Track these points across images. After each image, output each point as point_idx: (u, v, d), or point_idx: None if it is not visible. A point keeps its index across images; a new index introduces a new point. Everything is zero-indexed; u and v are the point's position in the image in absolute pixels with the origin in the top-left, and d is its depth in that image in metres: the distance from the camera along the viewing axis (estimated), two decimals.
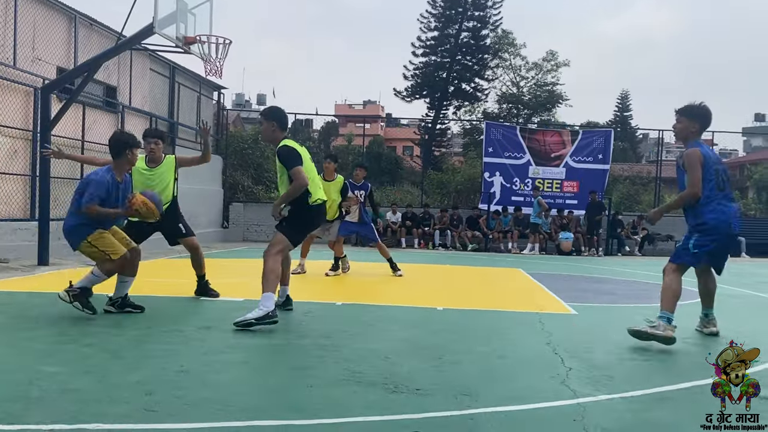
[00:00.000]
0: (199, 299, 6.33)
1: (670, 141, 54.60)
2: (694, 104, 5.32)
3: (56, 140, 10.37)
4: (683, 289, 5.11)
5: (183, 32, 9.39)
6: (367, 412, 2.98)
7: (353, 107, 58.98)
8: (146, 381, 3.38)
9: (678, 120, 5.34)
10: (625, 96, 47.72)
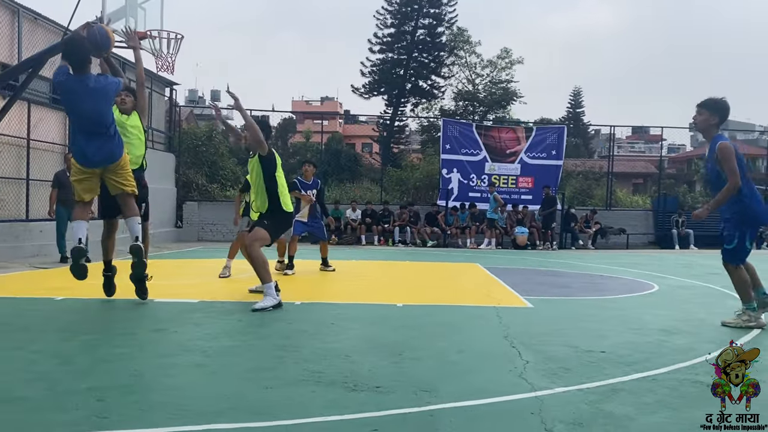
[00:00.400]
0: (153, 301, 6.18)
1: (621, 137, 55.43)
2: (715, 98, 5.54)
3: (0, 138, 10.00)
4: (628, 282, 5.23)
5: (133, 27, 9.16)
6: (326, 412, 2.95)
7: (311, 104, 58.63)
8: (98, 387, 3.28)
9: (699, 112, 5.52)
10: (578, 93, 48.76)
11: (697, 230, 18.87)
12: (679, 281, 8.97)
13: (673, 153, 51.82)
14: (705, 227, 19.52)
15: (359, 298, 6.87)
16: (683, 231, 18.68)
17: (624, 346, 4.51)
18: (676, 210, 19.47)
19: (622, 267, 11.07)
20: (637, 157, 50.20)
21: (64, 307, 5.92)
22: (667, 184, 27.40)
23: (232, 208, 16.42)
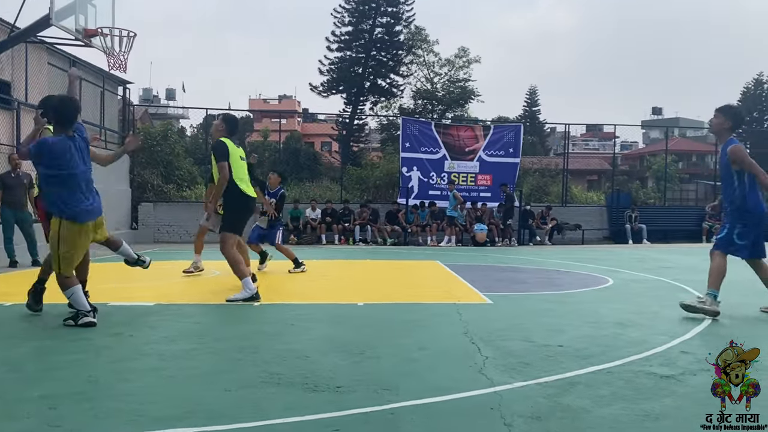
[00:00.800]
0: (107, 304, 6.04)
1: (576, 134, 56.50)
2: (731, 105, 6.14)
3: None
4: (584, 277, 5.35)
5: (83, 24, 8.93)
6: (286, 414, 2.93)
7: (268, 102, 58.11)
8: (50, 394, 3.18)
9: (715, 116, 5.95)
10: (534, 92, 49.59)
11: (649, 225, 19.38)
12: (632, 275, 9.20)
13: (626, 150, 53.16)
14: (657, 222, 20.10)
15: (320, 298, 6.84)
16: (636, 226, 19.15)
17: (581, 339, 4.60)
18: (629, 206, 19.97)
19: (578, 262, 11.30)
20: (591, 155, 51.31)
21: (13, 313, 5.73)
22: (621, 181, 28.14)
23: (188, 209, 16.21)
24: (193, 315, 5.54)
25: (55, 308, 5.97)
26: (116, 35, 9.30)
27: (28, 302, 5.63)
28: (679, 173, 39.85)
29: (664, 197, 23.50)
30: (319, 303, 6.47)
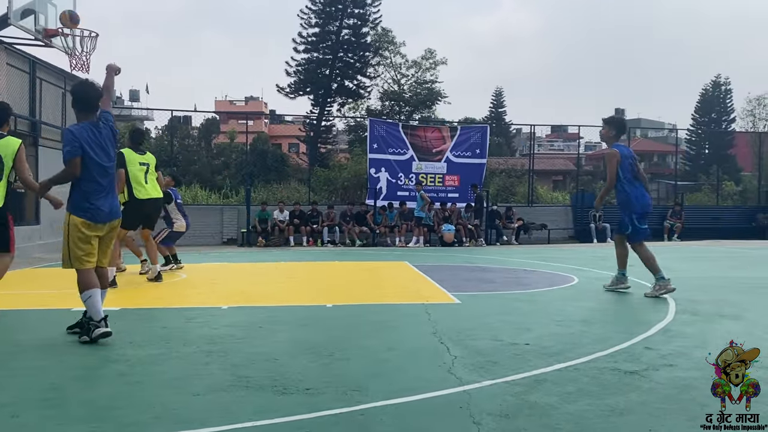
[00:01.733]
0: (70, 310, 5.91)
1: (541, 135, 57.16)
2: (614, 115, 7.46)
3: None
4: (550, 276, 5.43)
5: (43, 24, 8.74)
6: (256, 417, 2.92)
7: (234, 104, 57.53)
8: (11, 402, 3.11)
9: (603, 126, 7.25)
10: (499, 93, 50.11)
11: (613, 224, 19.65)
12: (597, 273, 9.37)
13: (590, 150, 53.98)
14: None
15: (288, 300, 6.81)
16: (600, 225, 19.49)
17: (547, 337, 4.67)
18: (593, 205, 20.33)
19: (544, 261, 11.46)
20: (556, 155, 52.05)
21: None
22: (585, 181, 28.58)
23: None
24: (159, 319, 5.47)
25: (18, 314, 5.83)
26: (78, 35, 9.13)
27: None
28: None
29: None
30: (288, 305, 6.44)
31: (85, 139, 4.74)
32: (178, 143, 30.38)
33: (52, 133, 15.56)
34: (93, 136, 4.78)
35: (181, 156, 30.46)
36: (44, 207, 14.18)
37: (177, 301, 6.53)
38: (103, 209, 4.72)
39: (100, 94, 4.88)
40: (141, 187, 7.78)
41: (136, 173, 7.78)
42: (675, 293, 6.70)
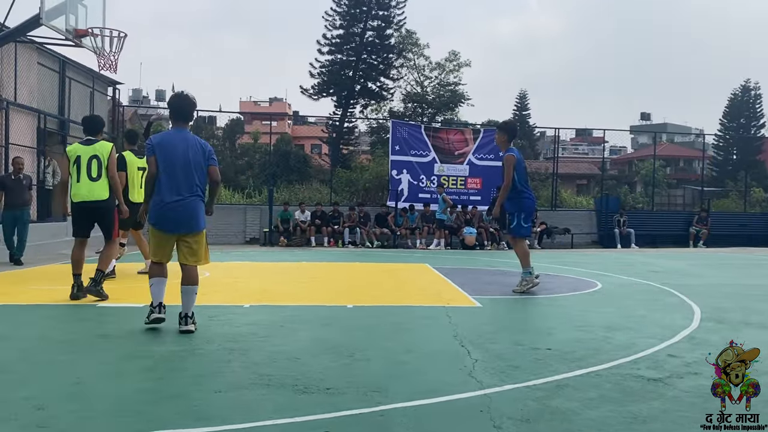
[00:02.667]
0: (95, 306, 6.00)
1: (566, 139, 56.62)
2: (506, 120, 8.23)
3: None
4: (573, 281, 5.37)
5: (73, 24, 8.89)
6: (276, 415, 2.93)
7: (259, 104, 57.93)
8: (37, 396, 3.17)
9: (497, 133, 7.84)
10: (523, 95, 49.68)
11: (638, 230, 19.51)
12: (620, 279, 9.26)
13: (615, 155, 53.50)
14: (645, 227, 20.24)
15: (309, 300, 6.83)
16: (625, 230, 19.27)
17: (569, 343, 4.63)
18: (618, 210, 20.09)
19: (566, 266, 11.36)
20: (580, 159, 51.57)
21: (1, 313, 5.68)
22: (610, 185, 28.31)
23: None
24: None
25: (45, 309, 5.94)
26: (107, 35, 9.26)
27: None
28: (667, 178, 40.16)
29: (653, 202, 23.66)
30: (309, 305, 6.46)
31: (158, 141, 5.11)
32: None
33: (80, 130, 15.79)
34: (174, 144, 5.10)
35: None
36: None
37: (200, 299, 6.57)
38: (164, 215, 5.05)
39: (193, 105, 5.41)
40: (135, 191, 8.09)
41: (133, 176, 8.12)
42: (700, 300, 6.60)
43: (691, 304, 6.58)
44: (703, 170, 27.71)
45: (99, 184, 6.64)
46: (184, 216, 4.86)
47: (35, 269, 9.52)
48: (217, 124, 39.68)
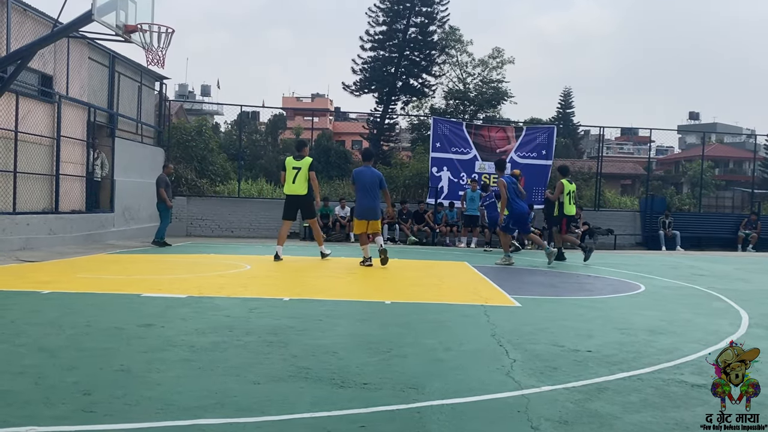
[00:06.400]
0: (140, 295, 6.16)
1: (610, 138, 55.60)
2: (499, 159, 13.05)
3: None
4: (615, 283, 5.26)
5: (123, 20, 9.10)
6: (314, 408, 2.96)
7: (301, 100, 58.46)
8: (84, 381, 3.26)
9: (496, 171, 12.70)
10: (568, 93, 48.96)
11: (684, 232, 19.02)
12: (665, 282, 9.05)
13: (661, 155, 52.23)
14: (691, 229, 19.71)
15: (347, 295, 6.88)
16: (670, 232, 18.82)
17: (610, 345, 4.55)
18: (663, 211, 19.61)
19: (609, 267, 11.15)
20: (625, 159, 50.49)
21: (50, 300, 5.88)
22: (655, 186, 27.64)
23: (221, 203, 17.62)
24: (223, 308, 5.61)
25: (91, 297, 6.12)
26: (155, 31, 9.46)
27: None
28: (716, 180, 38.99)
29: (700, 204, 23.02)
30: (347, 300, 6.50)
31: (356, 173, 10.19)
32: (246, 138, 31.13)
33: (128, 124, 16.22)
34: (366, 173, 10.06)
35: (248, 150, 31.19)
36: (118, 196, 14.80)
37: (240, 292, 6.70)
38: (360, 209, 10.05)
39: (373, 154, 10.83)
40: (288, 185, 10.46)
41: (289, 175, 10.44)
42: (749, 306, 6.42)
43: (739, 309, 6.38)
44: (753, 172, 26.87)
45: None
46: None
47: (83, 258, 9.81)
48: (260, 120, 40.20)
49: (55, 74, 12.51)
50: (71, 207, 13.08)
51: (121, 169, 14.95)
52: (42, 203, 12.09)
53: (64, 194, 12.73)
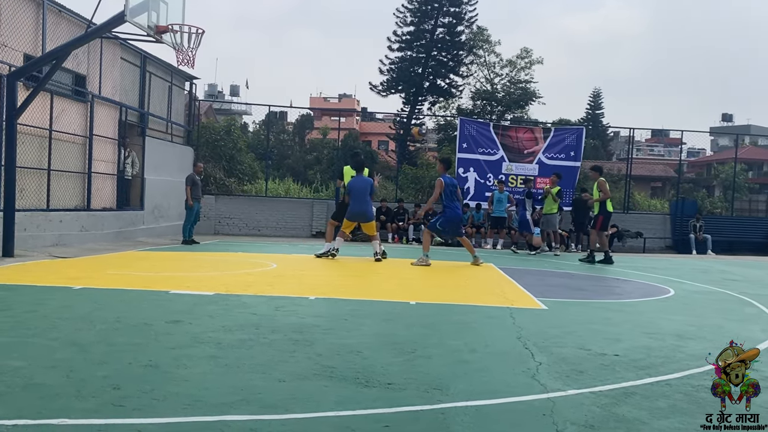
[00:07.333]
0: (168, 292, 6.25)
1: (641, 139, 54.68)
2: (443, 155, 13.83)
3: (23, 129, 10.13)
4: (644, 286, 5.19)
5: (155, 21, 9.24)
6: (338, 407, 2.97)
7: (328, 100, 58.68)
8: (114, 375, 3.32)
9: (436, 163, 12.26)
10: (597, 94, 48.33)
11: (715, 236, 18.67)
12: (695, 286, 8.89)
13: (692, 157, 51.29)
14: (723, 233, 19.33)
15: (372, 295, 6.89)
16: (701, 236, 18.48)
17: (638, 350, 4.48)
18: (694, 215, 19.27)
19: (638, 271, 10.99)
20: (656, 161, 49.70)
21: (82, 296, 6.00)
22: (686, 188, 27.16)
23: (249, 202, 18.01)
24: (250, 306, 5.67)
25: (121, 293, 6.23)
26: (185, 32, 9.58)
27: None
28: (749, 183, 38.20)
29: (732, 207, 22.57)
30: (372, 299, 6.52)
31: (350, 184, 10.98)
32: (273, 137, 31.37)
33: (158, 123, 16.46)
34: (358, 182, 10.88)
35: (276, 150, 31.43)
36: (148, 194, 15.04)
37: (267, 290, 6.75)
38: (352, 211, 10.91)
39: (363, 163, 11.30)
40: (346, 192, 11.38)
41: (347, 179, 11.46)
42: None
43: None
44: None
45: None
46: None
47: (113, 255, 9.99)
48: (288, 120, 40.47)
49: (89, 74, 12.76)
50: (102, 204, 13.33)
51: (151, 167, 15.18)
52: (74, 201, 12.34)
53: (96, 192, 12.98)
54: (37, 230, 10.76)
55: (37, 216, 10.87)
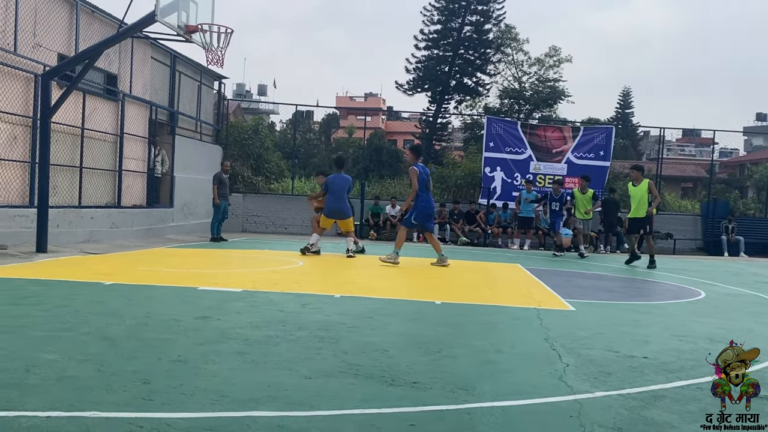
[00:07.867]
0: (196, 289, 6.32)
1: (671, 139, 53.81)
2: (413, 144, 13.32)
3: (56, 127, 10.34)
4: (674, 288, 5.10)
5: (184, 21, 9.35)
6: (364, 405, 2.98)
7: (354, 99, 58.84)
8: (143, 370, 3.38)
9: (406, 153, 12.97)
10: (627, 93, 47.75)
11: (748, 237, 18.29)
12: (727, 289, 8.72)
13: (725, 157, 50.24)
14: (757, 235, 18.91)
15: (398, 294, 6.89)
16: (733, 237, 18.12)
17: (668, 352, 4.41)
18: (726, 216, 18.89)
19: (668, 273, 10.82)
20: (687, 161, 48.83)
21: (112, 291, 6.11)
22: (718, 189, 26.63)
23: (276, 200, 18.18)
24: (277, 303, 5.71)
25: (150, 289, 6.32)
26: (215, 31, 9.68)
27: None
28: None
29: (766, 209, 22.05)
30: (398, 298, 6.52)
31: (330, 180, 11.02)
32: (300, 136, 31.56)
33: (187, 122, 16.67)
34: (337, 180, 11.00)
35: (302, 149, 31.62)
36: (177, 192, 15.24)
37: (293, 288, 6.80)
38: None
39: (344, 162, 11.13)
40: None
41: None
42: None
43: None
44: None
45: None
46: None
47: (143, 252, 10.15)
48: (314, 119, 40.65)
49: (120, 73, 12.97)
50: (133, 202, 13.55)
51: (180, 165, 15.39)
52: (105, 198, 12.57)
53: (126, 189, 13.20)
54: (69, 227, 10.97)
55: (69, 213, 11.09)
